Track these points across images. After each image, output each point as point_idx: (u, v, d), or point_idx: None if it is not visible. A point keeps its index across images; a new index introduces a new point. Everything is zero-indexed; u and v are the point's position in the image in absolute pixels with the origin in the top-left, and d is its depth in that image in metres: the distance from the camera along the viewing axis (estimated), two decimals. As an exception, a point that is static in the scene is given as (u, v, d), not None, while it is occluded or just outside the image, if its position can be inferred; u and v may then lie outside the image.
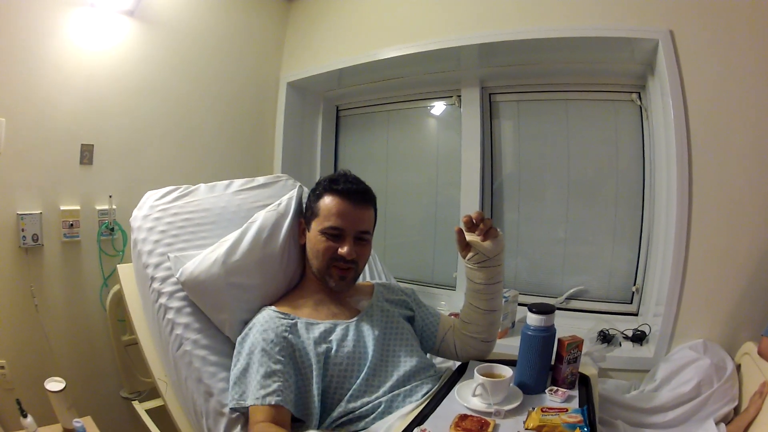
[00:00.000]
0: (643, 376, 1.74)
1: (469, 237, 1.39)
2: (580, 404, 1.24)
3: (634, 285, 2.09)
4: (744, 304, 1.67)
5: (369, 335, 1.39)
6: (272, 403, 1.18)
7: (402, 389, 1.31)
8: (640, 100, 2.05)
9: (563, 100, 2.23)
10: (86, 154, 2.07)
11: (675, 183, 1.73)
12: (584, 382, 1.37)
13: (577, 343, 1.34)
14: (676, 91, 1.71)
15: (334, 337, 1.35)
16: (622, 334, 1.94)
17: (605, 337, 1.90)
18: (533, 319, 1.31)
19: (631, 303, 2.11)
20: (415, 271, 2.63)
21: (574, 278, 2.21)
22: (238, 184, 1.88)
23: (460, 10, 2.14)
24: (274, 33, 2.74)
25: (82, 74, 2.02)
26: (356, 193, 1.44)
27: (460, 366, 1.47)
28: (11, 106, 1.86)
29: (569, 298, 2.20)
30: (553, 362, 1.34)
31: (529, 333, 1.31)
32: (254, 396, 1.20)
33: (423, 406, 1.22)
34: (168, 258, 1.56)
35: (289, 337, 1.32)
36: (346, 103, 2.89)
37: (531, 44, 1.99)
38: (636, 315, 2.08)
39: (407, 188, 2.68)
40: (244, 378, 1.26)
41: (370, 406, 1.27)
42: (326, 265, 1.43)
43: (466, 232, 1.39)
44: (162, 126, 2.32)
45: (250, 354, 1.29)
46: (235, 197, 1.82)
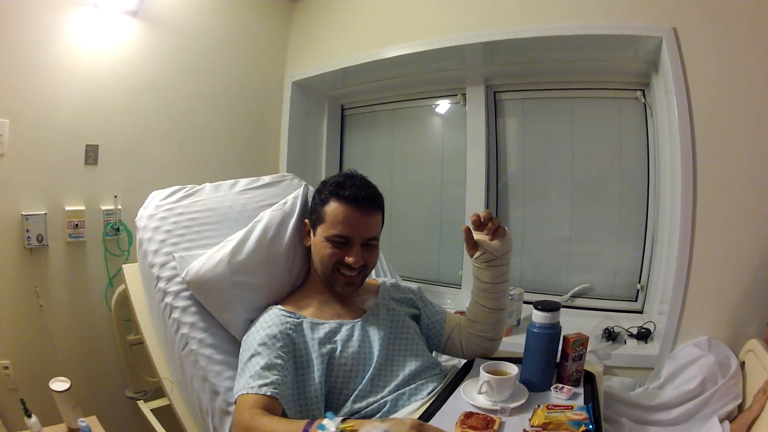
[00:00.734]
0: (648, 374, 1.74)
1: (477, 236, 1.39)
2: (586, 401, 1.24)
3: (639, 283, 2.09)
4: (748, 302, 1.66)
5: (375, 335, 1.38)
6: (267, 393, 1.14)
7: (407, 388, 1.31)
8: (645, 98, 2.05)
9: (568, 98, 2.23)
10: (91, 154, 2.08)
11: (679, 180, 1.72)
12: (589, 380, 1.36)
13: (583, 341, 1.34)
14: (680, 88, 1.71)
15: (339, 338, 1.35)
16: (627, 331, 1.94)
17: (610, 335, 1.90)
18: (538, 317, 1.30)
19: (636, 301, 2.11)
20: (420, 270, 2.63)
21: (579, 276, 2.21)
22: (243, 183, 1.87)
23: (464, 8, 2.14)
24: (279, 32, 2.75)
25: (86, 74, 2.03)
26: (364, 200, 1.39)
27: (465, 364, 1.46)
28: (15, 106, 1.87)
29: (574, 296, 2.20)
30: (558, 360, 1.34)
31: (535, 330, 1.31)
32: (248, 386, 1.16)
33: (429, 404, 1.22)
34: (173, 257, 1.55)
35: (293, 335, 1.31)
36: (351, 102, 2.89)
37: (535, 43, 1.99)
38: (641, 313, 2.08)
39: (412, 186, 2.68)
40: (243, 374, 1.25)
41: (376, 405, 1.26)
42: (331, 271, 1.41)
43: (474, 231, 1.39)
44: (167, 126, 2.32)
45: (251, 348, 1.27)
46: (241, 196, 1.81)
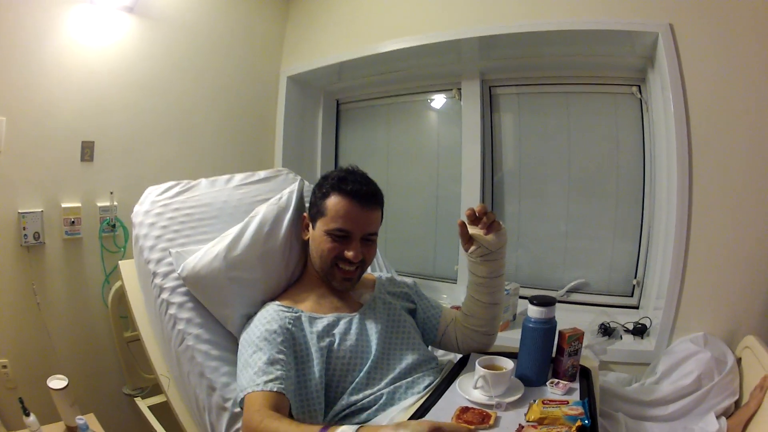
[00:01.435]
0: (644, 369, 1.75)
1: (472, 230, 1.39)
2: (581, 396, 1.24)
3: (635, 278, 2.10)
4: (745, 298, 1.67)
5: (372, 328, 1.39)
6: (273, 389, 1.13)
7: (403, 381, 1.31)
8: (641, 94, 2.05)
9: (563, 93, 2.23)
10: (87, 151, 2.07)
11: (675, 176, 1.73)
12: (585, 375, 1.37)
13: (578, 336, 1.34)
14: (676, 84, 1.71)
15: (337, 331, 1.35)
16: (623, 327, 1.95)
17: (606, 330, 1.91)
18: (534, 312, 1.31)
19: (632, 296, 2.12)
20: (416, 265, 2.64)
21: (575, 272, 2.22)
22: (239, 178, 1.88)
23: (460, 2, 2.14)
24: (274, 27, 2.74)
25: (83, 71, 2.02)
26: (366, 195, 1.39)
27: (461, 358, 1.47)
28: (11, 104, 1.86)
29: (570, 291, 2.21)
30: (554, 355, 1.35)
31: (530, 325, 1.32)
32: (254, 383, 1.15)
33: (424, 399, 1.23)
34: (170, 253, 1.56)
35: (292, 329, 1.31)
36: (347, 96, 2.89)
37: (531, 37, 1.99)
38: (637, 308, 2.09)
39: (408, 181, 2.69)
40: (245, 370, 1.24)
41: (372, 398, 1.27)
42: (330, 265, 1.41)
43: (469, 226, 1.39)
44: (163, 122, 2.32)
45: (251, 344, 1.27)
46: (236, 192, 1.82)
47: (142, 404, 1.86)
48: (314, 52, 2.61)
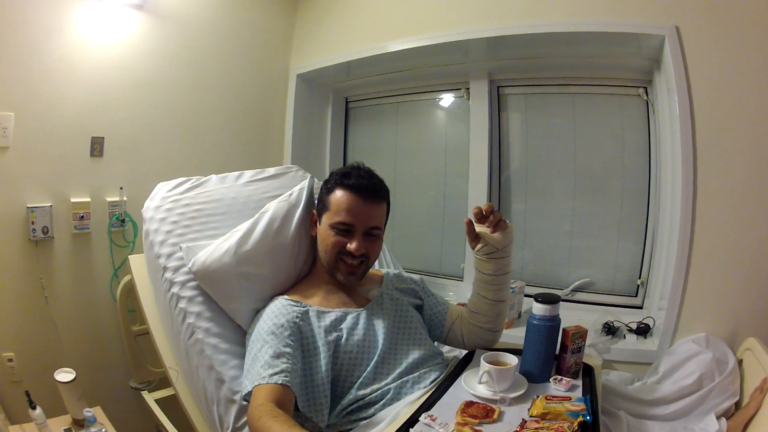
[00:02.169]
0: (647, 369, 1.75)
1: (479, 228, 1.41)
2: (584, 393, 1.25)
3: (639, 278, 2.10)
4: (747, 300, 1.67)
5: (379, 324, 1.40)
6: (279, 382, 1.14)
7: (410, 376, 1.33)
8: (647, 95, 2.05)
9: (570, 94, 2.24)
10: (97, 147, 2.09)
11: (680, 177, 1.73)
12: (588, 373, 1.38)
13: (581, 333, 1.35)
14: (682, 86, 1.72)
15: (345, 326, 1.37)
16: (627, 326, 1.95)
17: (610, 330, 1.92)
18: (538, 309, 1.32)
19: (636, 296, 2.13)
20: (422, 262, 2.65)
21: (580, 271, 2.23)
22: (248, 175, 1.90)
23: (468, 3, 2.14)
24: (283, 25, 2.75)
25: (91, 67, 2.03)
26: (367, 189, 1.42)
27: (466, 354, 1.48)
28: (20, 100, 1.87)
29: (575, 290, 2.21)
30: (557, 352, 1.36)
31: (535, 322, 1.33)
32: (260, 376, 1.16)
33: (430, 393, 1.24)
34: (180, 248, 1.57)
35: (300, 324, 1.33)
36: (355, 94, 2.90)
37: (539, 38, 2.00)
38: (641, 308, 2.09)
39: (416, 179, 2.70)
40: (253, 365, 1.25)
41: (379, 392, 1.28)
42: (334, 259, 1.44)
43: (475, 224, 1.41)
44: (172, 118, 2.33)
45: (260, 339, 1.29)
46: (246, 188, 1.84)
47: (149, 397, 1.87)
48: (323, 51, 2.62)
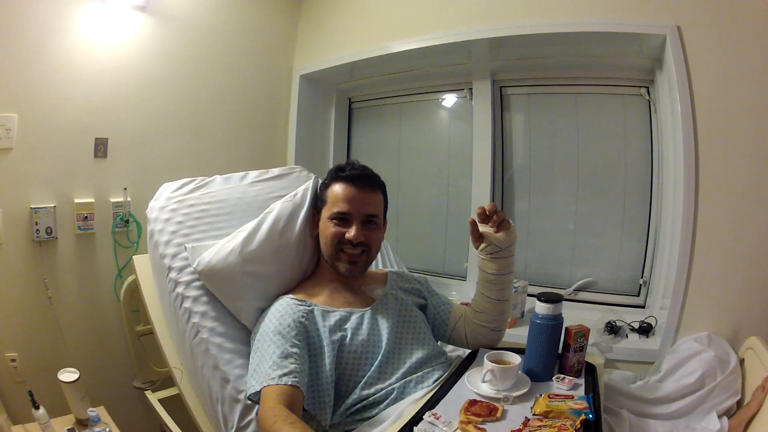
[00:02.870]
0: (649, 368, 1.76)
1: (483, 228, 1.42)
2: (586, 392, 1.26)
3: (642, 278, 2.11)
4: (749, 299, 1.67)
5: (383, 324, 1.41)
6: (288, 383, 1.15)
7: (414, 376, 1.33)
8: (649, 95, 2.06)
9: (573, 94, 2.24)
10: (100, 148, 2.09)
11: (682, 177, 1.73)
12: (590, 371, 1.39)
13: (584, 332, 1.36)
14: (684, 85, 1.72)
15: (349, 325, 1.37)
16: (629, 325, 1.96)
17: (612, 329, 1.92)
18: (541, 308, 1.33)
19: (639, 295, 2.13)
20: (426, 262, 2.65)
21: (583, 270, 2.23)
22: (253, 175, 1.90)
23: (471, 4, 2.14)
24: (287, 26, 2.75)
25: (95, 69, 2.04)
26: (360, 177, 1.47)
27: (470, 353, 1.49)
28: (24, 101, 1.88)
29: (578, 290, 2.22)
30: (560, 351, 1.37)
31: (538, 321, 1.34)
32: (269, 377, 1.17)
33: (434, 392, 1.25)
34: (185, 248, 1.58)
35: (306, 323, 1.33)
36: (359, 95, 2.90)
37: (541, 38, 2.00)
38: (643, 307, 2.09)
39: (419, 179, 2.70)
40: (261, 364, 1.25)
41: (384, 392, 1.29)
42: (335, 250, 1.45)
43: (479, 224, 1.42)
44: (176, 119, 2.33)
45: (266, 338, 1.29)
46: (251, 188, 1.84)
47: (152, 397, 1.87)
48: (326, 51, 2.62)
